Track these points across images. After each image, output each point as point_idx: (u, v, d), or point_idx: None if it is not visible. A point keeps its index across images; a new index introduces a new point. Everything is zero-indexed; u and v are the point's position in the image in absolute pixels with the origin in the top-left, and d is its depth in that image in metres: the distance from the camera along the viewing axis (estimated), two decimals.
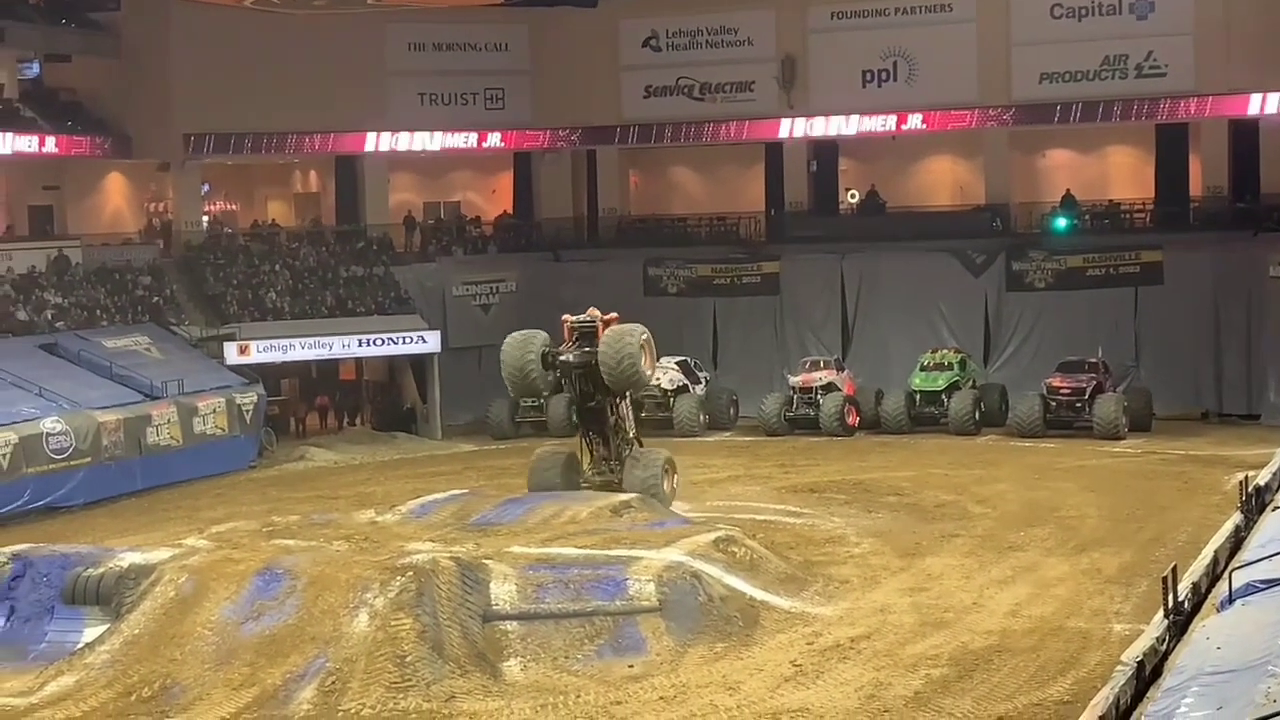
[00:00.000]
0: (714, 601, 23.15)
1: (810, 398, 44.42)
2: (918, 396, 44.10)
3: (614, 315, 30.41)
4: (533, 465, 31.20)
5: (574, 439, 45.15)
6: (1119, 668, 14.38)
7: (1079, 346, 44.37)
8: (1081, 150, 52.24)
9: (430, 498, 29.96)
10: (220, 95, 48.70)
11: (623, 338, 29.26)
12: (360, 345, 46.44)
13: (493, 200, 57.27)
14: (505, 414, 46.22)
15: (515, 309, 51.47)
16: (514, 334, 31.18)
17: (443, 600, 22.06)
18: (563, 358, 30.09)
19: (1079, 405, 42.16)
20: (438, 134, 52.74)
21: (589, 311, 30.62)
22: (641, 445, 31.72)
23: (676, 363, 46.25)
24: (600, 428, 30.74)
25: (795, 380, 44.98)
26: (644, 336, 29.51)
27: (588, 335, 30.16)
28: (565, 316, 31.34)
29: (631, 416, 31.58)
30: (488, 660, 21.58)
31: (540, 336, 30.85)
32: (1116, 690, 13.42)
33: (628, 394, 30.90)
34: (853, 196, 53.96)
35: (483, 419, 46.78)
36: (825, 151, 53.59)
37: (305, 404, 48.41)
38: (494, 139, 53.91)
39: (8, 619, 23.97)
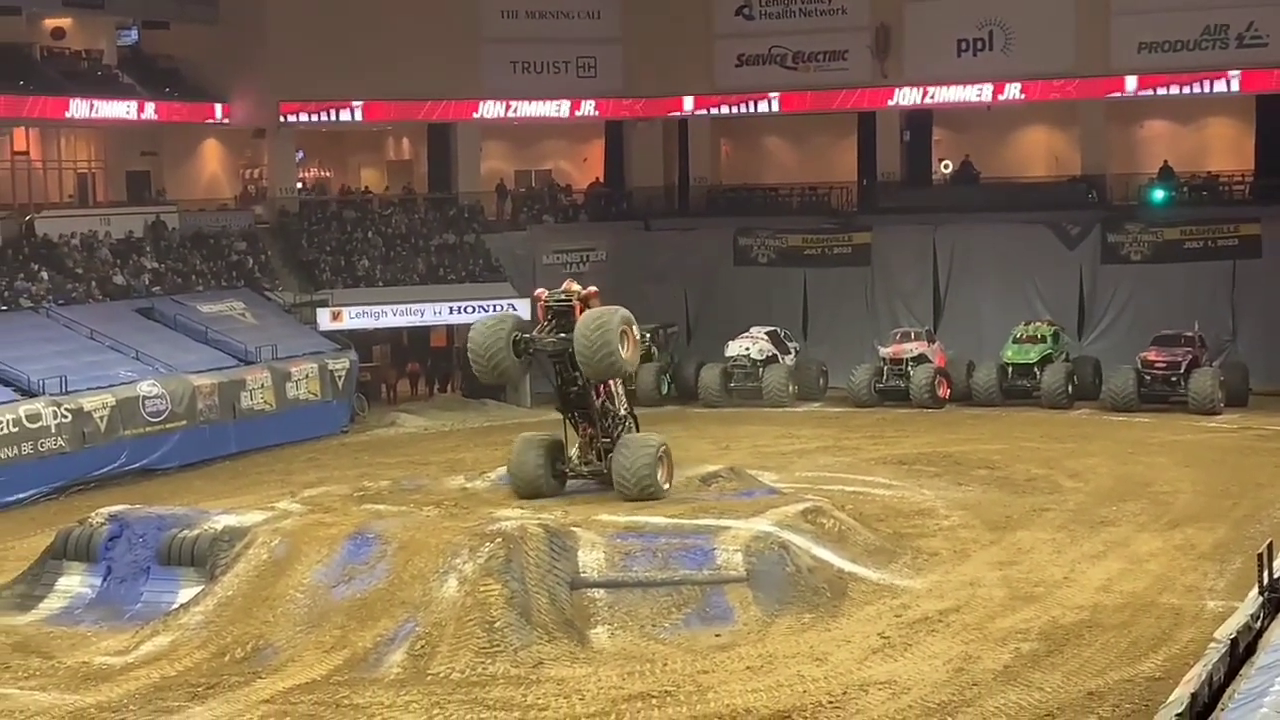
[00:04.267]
0: (802, 572, 23.07)
1: (901, 369, 44.18)
2: (1010, 369, 43.73)
3: (593, 290, 27.15)
4: (513, 455, 27.19)
5: (655, 406, 45.53)
6: (1212, 645, 14.24)
7: (1175, 320, 43.74)
8: (1180, 121, 51.52)
9: None
10: (315, 62, 49.08)
11: (598, 324, 25.59)
12: (451, 312, 46.64)
13: (584, 168, 57.36)
14: None
15: (605, 277, 51.32)
16: (483, 319, 28.26)
17: (531, 567, 22.16)
18: (535, 346, 26.81)
19: (1174, 379, 41.62)
20: (533, 103, 52.92)
21: (565, 285, 27.38)
22: (636, 423, 28.11)
23: (766, 333, 46.17)
24: (585, 412, 27.22)
25: (886, 351, 44.74)
26: (623, 321, 25.83)
27: (563, 314, 26.71)
28: (539, 292, 27.91)
29: (622, 392, 27.91)
30: (575, 627, 21.67)
31: (511, 320, 27.53)
32: (1209, 667, 13.28)
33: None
34: (946, 167, 53.52)
35: None
36: (919, 121, 53.19)
37: (396, 370, 48.77)
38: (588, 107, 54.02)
39: (105, 579, 24.38)
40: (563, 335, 26.35)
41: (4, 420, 33.58)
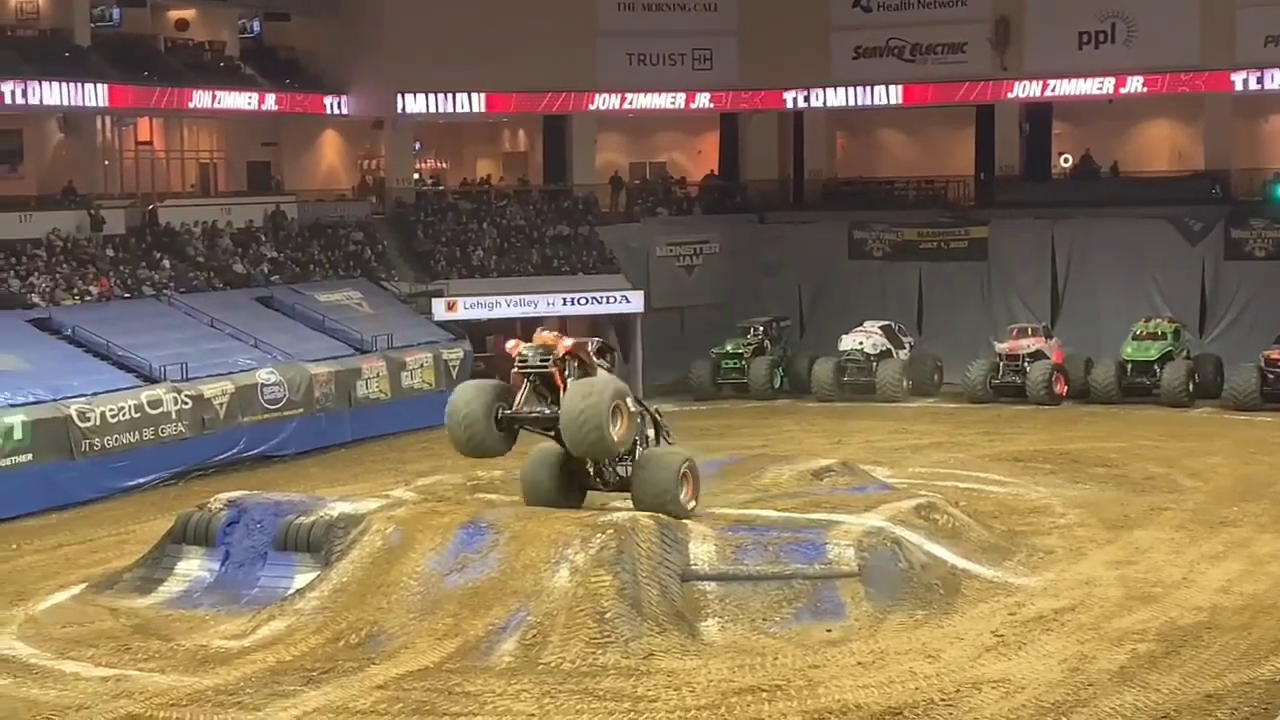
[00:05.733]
0: (914, 568, 22.91)
1: (1017, 365, 43.74)
2: (1129, 366, 43.12)
3: (569, 345, 23.89)
4: (527, 466, 25.35)
5: (768, 400, 45.44)
6: None
7: None
8: None
9: None
10: (433, 54, 49.43)
11: (585, 403, 22.91)
12: (564, 304, 46.84)
13: (698, 161, 57.29)
14: (707, 375, 46.37)
15: (718, 270, 51.64)
16: (463, 385, 25.26)
17: (642, 558, 22.14)
18: (519, 421, 24.20)
19: None
20: (648, 95, 52.96)
21: (538, 338, 24.13)
22: (657, 425, 25.64)
23: (880, 327, 45.89)
24: None
25: (1002, 347, 44.31)
26: (615, 397, 23.08)
27: (543, 379, 23.94)
28: (512, 346, 24.46)
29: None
30: (686, 619, 21.63)
31: (491, 390, 24.50)
32: None
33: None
34: (1066, 161, 52.87)
35: (684, 379, 46.96)
36: (1038, 114, 52.56)
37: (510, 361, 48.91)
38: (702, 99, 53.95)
39: (223, 563, 24.69)
40: (546, 413, 23.85)
41: (126, 406, 34.19)
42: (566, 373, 23.82)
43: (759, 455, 31.60)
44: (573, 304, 46.87)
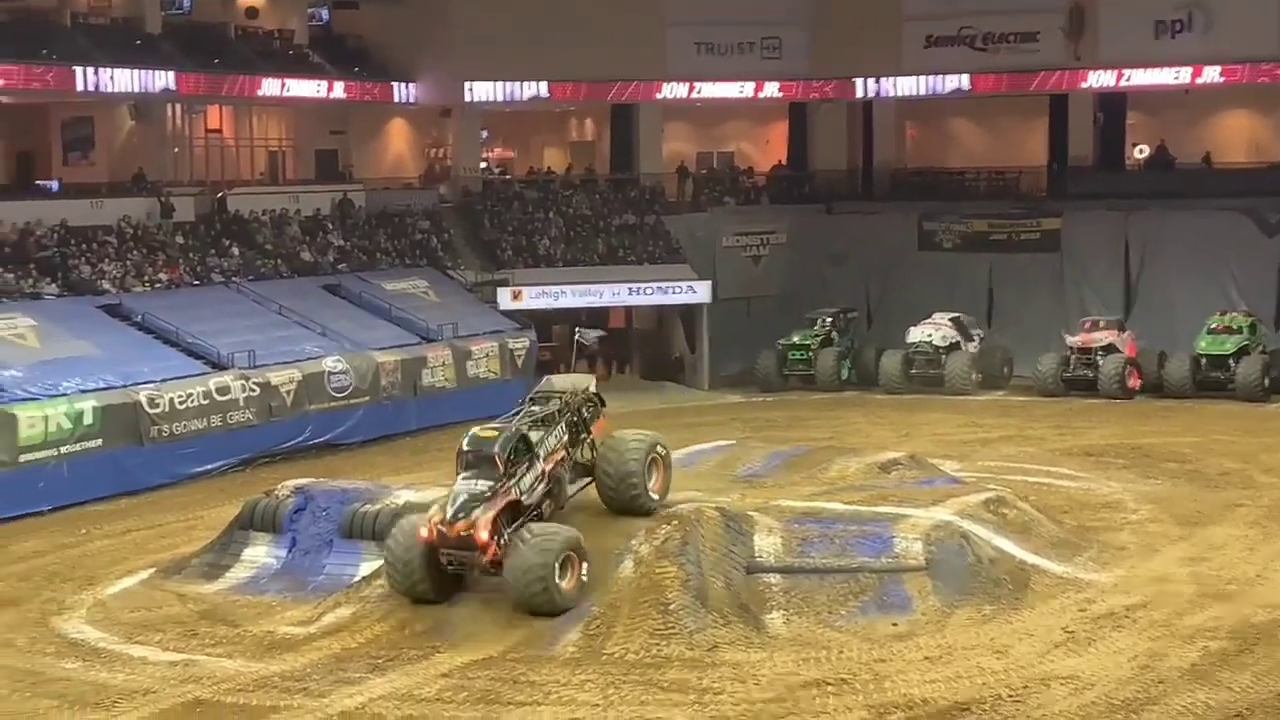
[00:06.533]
0: (983, 563, 22.68)
1: (1089, 359, 43.26)
2: (1203, 360, 42.52)
3: (476, 531, 21.39)
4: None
5: (835, 392, 45.24)
6: None
7: None
8: None
9: (697, 448, 29.93)
10: (501, 43, 49.41)
11: (529, 572, 21.09)
12: (630, 294, 46.76)
13: (766, 151, 57.03)
14: (773, 366, 46.16)
15: (785, 261, 51.36)
16: (406, 521, 22.42)
17: (706, 550, 22.06)
18: (462, 572, 22.12)
19: None
20: (717, 84, 52.71)
21: (452, 530, 21.51)
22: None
23: (949, 319, 45.51)
24: None
25: (1074, 340, 43.81)
26: (562, 555, 21.28)
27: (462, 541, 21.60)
28: (427, 533, 21.68)
29: (562, 437, 23.36)
30: (750, 611, 21.51)
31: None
32: None
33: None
34: (1140, 152, 52.23)
35: (750, 370, 46.75)
36: (1112, 104, 51.95)
37: (574, 351, 48.94)
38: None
39: (290, 550, 24.83)
40: (491, 570, 21.64)
41: (195, 393, 34.40)
42: (500, 541, 21.56)
43: (826, 447, 31.39)
44: (639, 293, 46.79)
